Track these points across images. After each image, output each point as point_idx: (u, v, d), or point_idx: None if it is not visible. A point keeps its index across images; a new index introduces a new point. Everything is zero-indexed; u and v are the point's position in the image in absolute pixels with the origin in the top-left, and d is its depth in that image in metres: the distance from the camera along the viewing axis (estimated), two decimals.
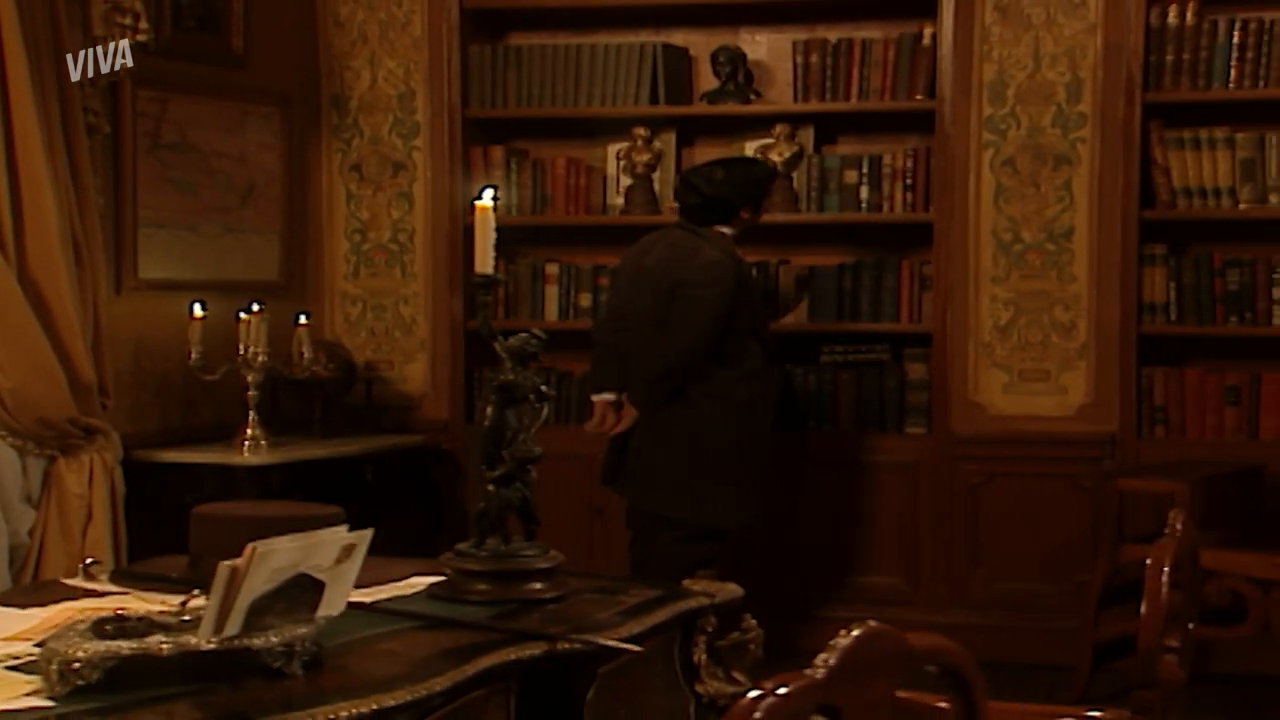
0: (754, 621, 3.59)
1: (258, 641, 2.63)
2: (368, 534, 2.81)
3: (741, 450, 6.52)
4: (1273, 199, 6.93)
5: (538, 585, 3.37)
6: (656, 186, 7.57)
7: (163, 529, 4.99)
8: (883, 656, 1.92)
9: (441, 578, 3.46)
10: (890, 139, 7.44)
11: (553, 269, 7.66)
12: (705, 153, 7.68)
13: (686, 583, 3.55)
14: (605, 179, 7.71)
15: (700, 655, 3.48)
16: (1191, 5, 6.94)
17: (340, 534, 2.75)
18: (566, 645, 3.02)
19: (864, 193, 7.36)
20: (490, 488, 3.39)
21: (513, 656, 2.93)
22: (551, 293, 7.66)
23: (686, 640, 3.47)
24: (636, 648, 2.98)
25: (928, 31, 7.22)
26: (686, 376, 6.47)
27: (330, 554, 2.72)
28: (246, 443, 6.79)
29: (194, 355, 6.74)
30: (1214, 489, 6.83)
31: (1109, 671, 6.68)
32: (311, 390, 7.30)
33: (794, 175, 7.39)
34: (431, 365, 7.70)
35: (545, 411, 3.47)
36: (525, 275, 7.68)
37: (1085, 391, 7.12)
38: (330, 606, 2.77)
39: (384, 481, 7.24)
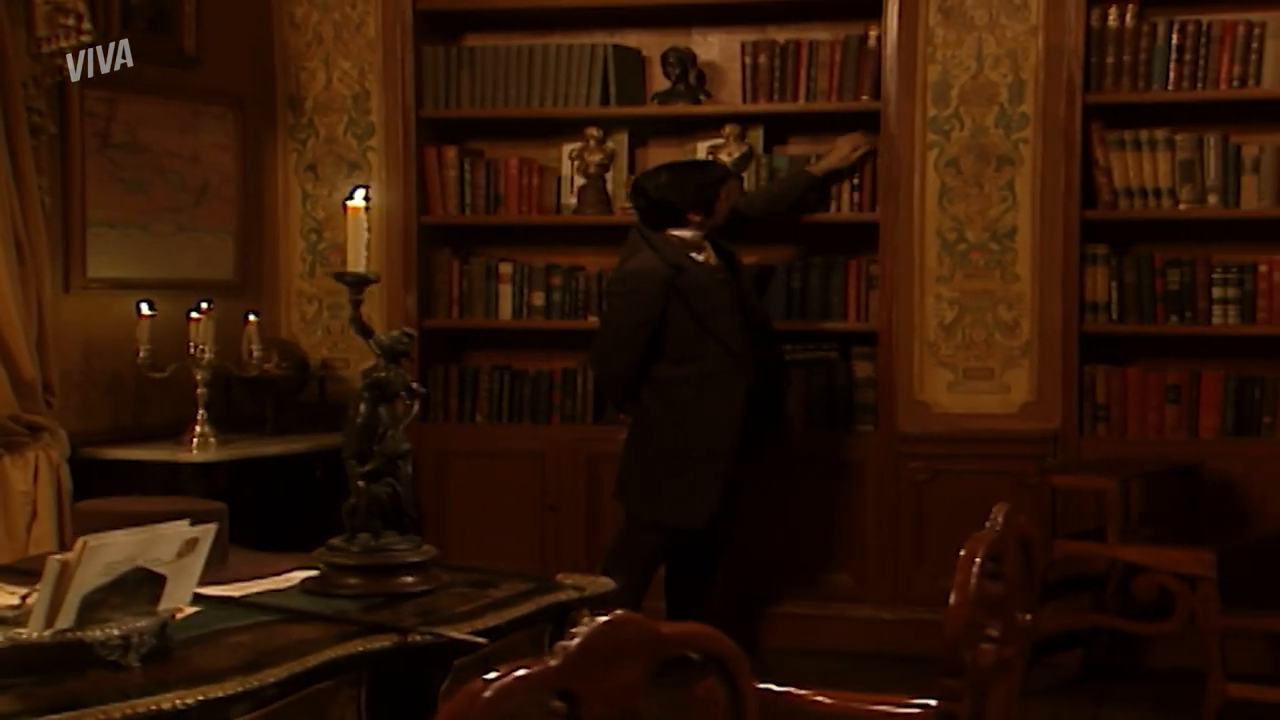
0: (625, 615, 3.64)
1: (95, 634, 2.70)
2: (211, 529, 2.88)
3: (687, 449, 6.61)
4: (1211, 199, 6.99)
5: (409, 579, 3.44)
6: (609, 186, 7.64)
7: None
8: (627, 644, 1.99)
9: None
10: (837, 139, 7.48)
11: (506, 268, 7.73)
12: (658, 152, 7.75)
13: (560, 576, 3.61)
14: (560, 179, 7.78)
15: None
16: (1131, 7, 6.99)
17: (181, 528, 2.82)
18: (418, 638, 3.08)
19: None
20: (360, 483, 3.45)
21: (360, 649, 2.99)
22: (505, 292, 7.73)
23: (559, 633, 3.53)
24: (482, 640, 3.05)
25: (873, 33, 7.29)
26: (622, 378, 6.58)
27: (171, 548, 2.79)
28: (195, 440, 6.87)
29: (142, 354, 6.83)
30: (1153, 486, 6.91)
31: (1045, 665, 6.76)
32: (264, 388, 7.37)
33: (744, 175, 7.44)
34: None
35: (416, 408, 3.53)
36: (479, 275, 7.75)
37: (1028, 390, 7.18)
38: (173, 600, 2.84)
39: (334, 479, 7.28)
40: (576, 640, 1.92)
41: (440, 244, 7.81)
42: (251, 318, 7.12)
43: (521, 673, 1.86)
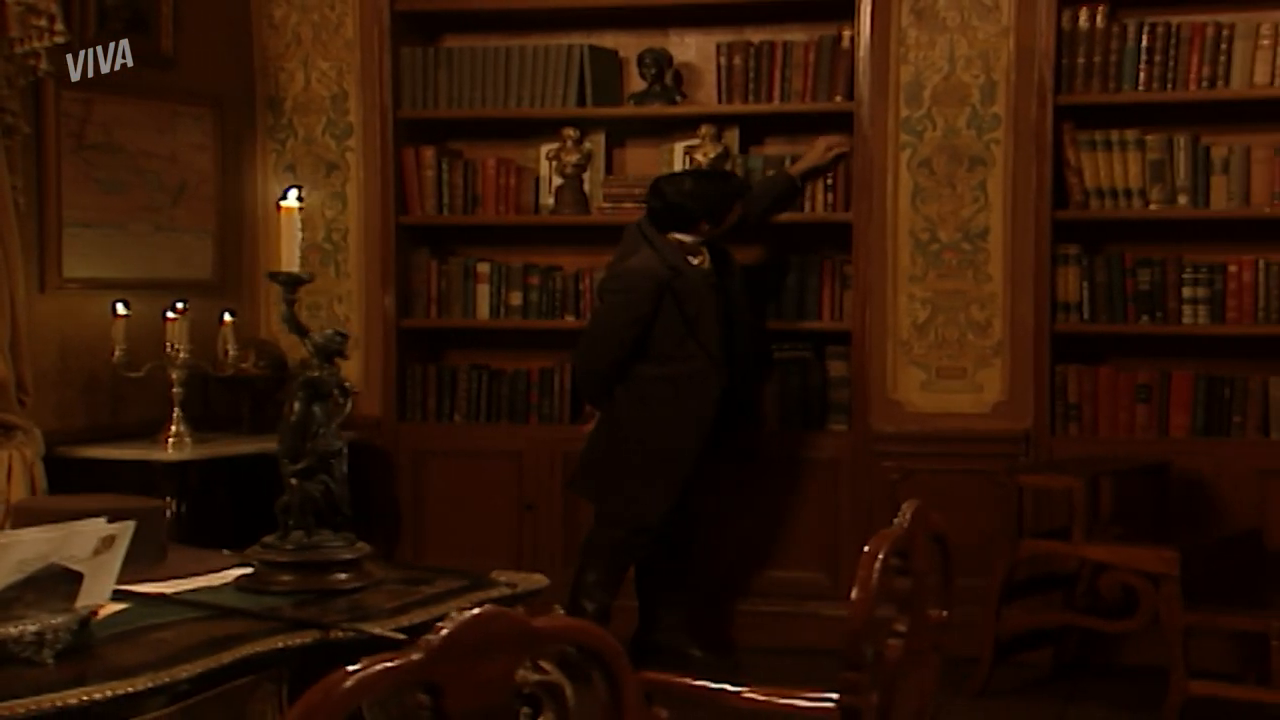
0: (561, 610, 3.69)
1: (8, 631, 2.75)
2: (129, 526, 2.92)
3: (657, 449, 6.70)
4: (1181, 200, 7.02)
5: (342, 575, 3.49)
6: (586, 187, 7.69)
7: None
8: (497, 638, 2.03)
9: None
10: (814, 140, 7.51)
11: (484, 268, 7.77)
12: (635, 153, 7.80)
13: (494, 573, 3.65)
14: (538, 179, 7.82)
15: None
16: (1102, 9, 7.02)
17: (98, 525, 2.87)
18: (340, 634, 3.12)
19: None
20: (293, 481, 3.49)
21: (280, 645, 3.03)
22: (483, 291, 7.77)
23: None
24: (401, 636, 3.08)
25: (846, 34, 7.32)
26: (605, 374, 6.65)
27: (87, 545, 2.83)
28: (170, 439, 6.92)
29: (117, 353, 6.88)
30: (1124, 485, 6.94)
31: (1015, 664, 6.80)
32: (240, 388, 7.42)
33: None
34: (365, 363, 7.82)
35: (349, 406, 3.58)
36: (457, 274, 7.80)
37: (1000, 389, 7.22)
38: (91, 597, 2.88)
39: None
40: (441, 633, 1.96)
41: (418, 244, 7.85)
42: (227, 317, 7.16)
43: (384, 665, 1.90)
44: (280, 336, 7.86)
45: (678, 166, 7.55)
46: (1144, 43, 7.00)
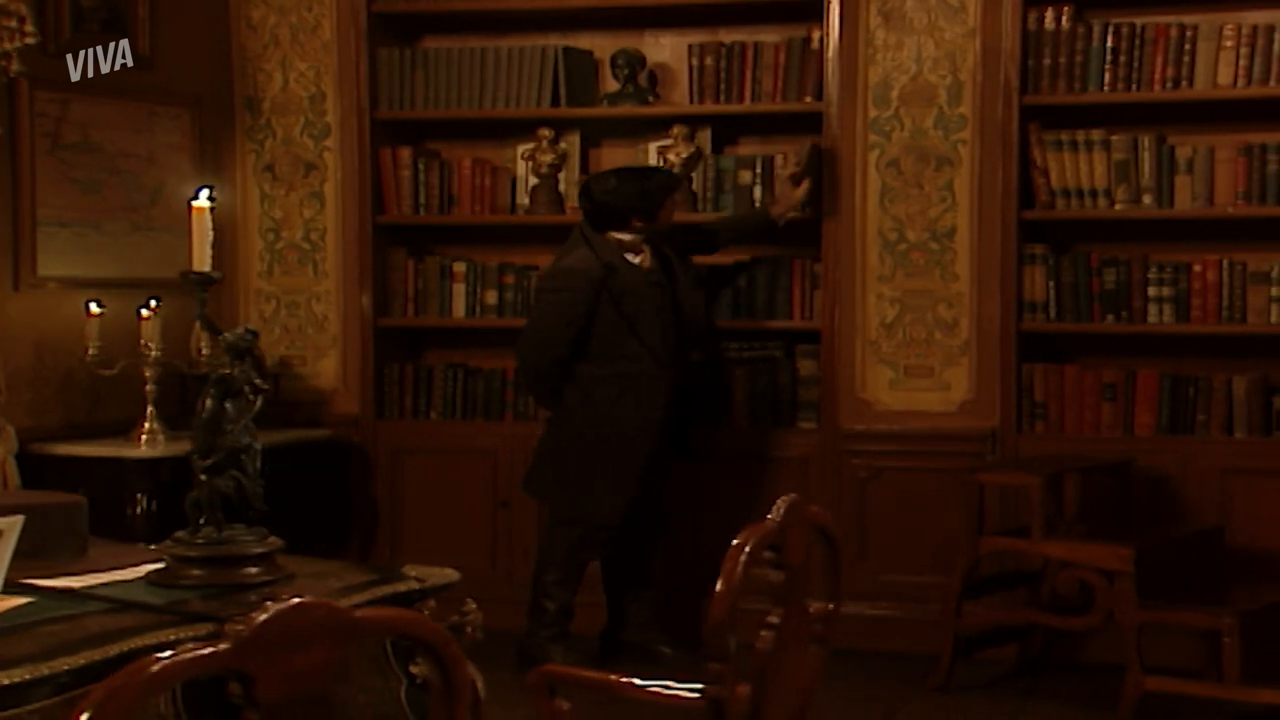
0: (474, 605, 3.76)
1: None
2: (17, 520, 2.99)
3: (603, 448, 6.76)
4: (1146, 200, 7.06)
5: (253, 569, 3.55)
6: (562, 186, 7.75)
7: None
8: (313, 628, 2.09)
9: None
10: (788, 140, 7.58)
11: (460, 267, 7.85)
12: (611, 153, 7.87)
13: (406, 568, 3.72)
14: (515, 179, 7.88)
15: None
16: (1067, 10, 7.07)
17: None
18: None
19: (757, 193, 7.52)
20: (203, 477, 3.56)
21: (173, 637, 3.09)
22: (459, 291, 7.84)
23: None
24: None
25: (816, 35, 7.37)
26: (546, 374, 6.71)
27: None
28: (144, 436, 7.00)
29: (91, 351, 6.96)
30: (1089, 483, 6.98)
31: (978, 661, 6.86)
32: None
33: (693, 176, 7.54)
34: (343, 361, 7.90)
35: (259, 404, 3.64)
36: (434, 274, 7.87)
37: (967, 388, 7.27)
38: None
39: (284, 474, 7.41)
40: (252, 623, 2.02)
41: (395, 243, 7.93)
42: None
43: (192, 653, 1.97)
44: (260, 334, 7.92)
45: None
46: (1109, 43, 7.04)
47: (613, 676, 3.44)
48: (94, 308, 6.97)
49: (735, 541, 2.89)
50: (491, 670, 3.80)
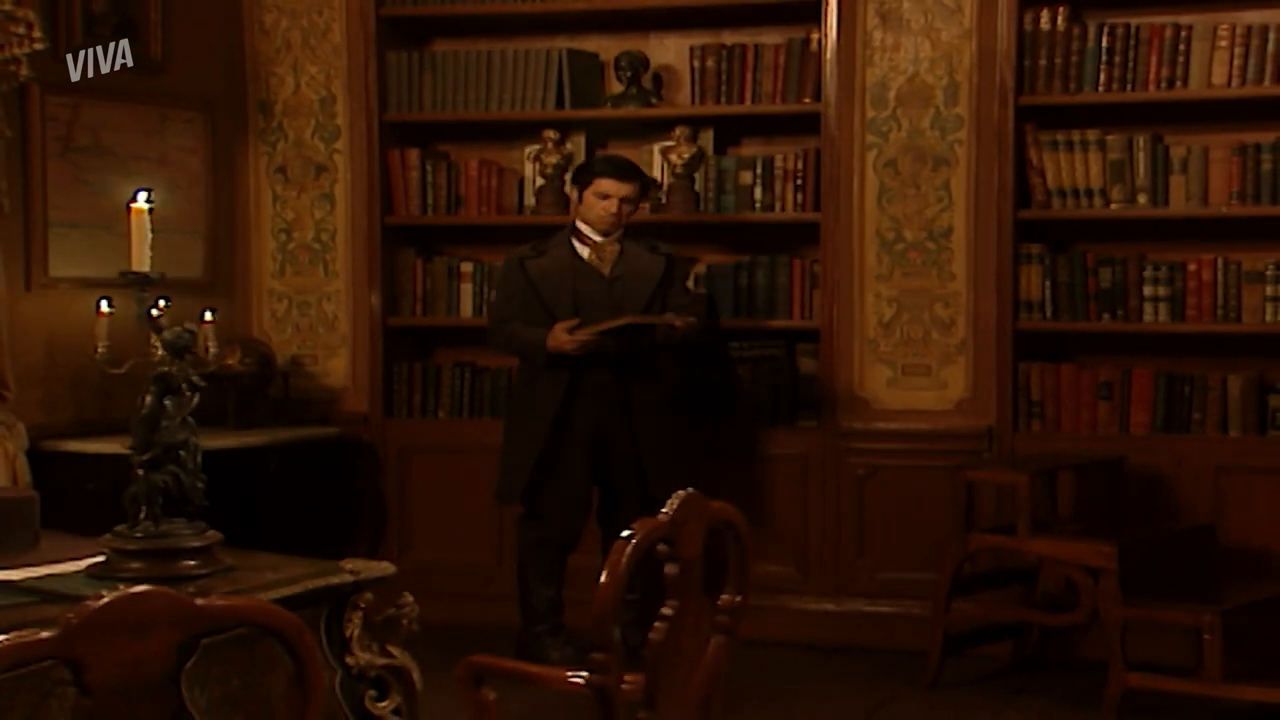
0: (410, 598, 3.87)
1: None
2: None
3: (512, 433, 6.98)
4: (1141, 199, 7.09)
5: (191, 562, 3.66)
6: (567, 187, 7.83)
7: (64, 516, 5.28)
8: (151, 617, 2.18)
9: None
10: (788, 140, 7.65)
11: (468, 267, 7.96)
12: (617, 154, 7.91)
13: (344, 561, 3.82)
14: (522, 180, 7.98)
15: (354, 629, 3.75)
16: (1063, 11, 7.11)
17: None
18: None
19: (758, 193, 7.59)
20: (140, 472, 3.67)
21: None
22: (466, 290, 7.95)
23: (338, 616, 3.74)
24: None
25: (814, 37, 7.43)
26: (495, 345, 7.07)
27: None
28: None
29: (100, 349, 7.07)
30: (1085, 481, 7.03)
31: (971, 657, 6.91)
32: (226, 384, 7.62)
33: (695, 176, 7.62)
34: (352, 360, 8.02)
35: (196, 400, 3.75)
36: (442, 273, 7.98)
37: (964, 386, 7.32)
38: None
39: (291, 472, 7.57)
40: (85, 610, 2.12)
41: (404, 244, 8.04)
42: (208, 315, 7.33)
43: (19, 639, 2.06)
44: (272, 333, 8.07)
45: (656, 167, 7.71)
46: (1104, 44, 7.09)
47: (534, 668, 3.52)
48: (104, 306, 7.07)
49: (625, 533, 2.94)
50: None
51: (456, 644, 5.15)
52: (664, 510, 3.03)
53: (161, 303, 7.19)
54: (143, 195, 3.80)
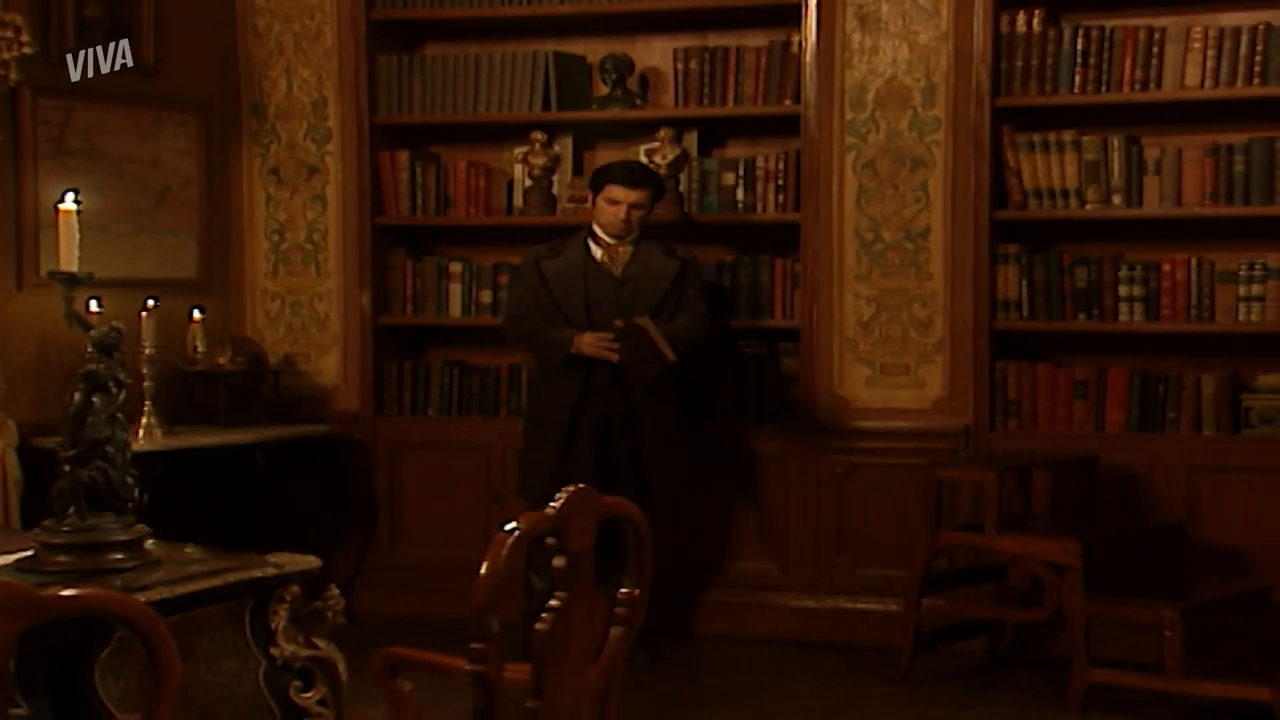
0: (336, 591, 3.97)
1: None
2: None
3: (529, 432, 7.17)
4: (1116, 200, 7.15)
5: (118, 555, 3.77)
6: (555, 188, 7.94)
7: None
8: None
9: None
10: (771, 142, 7.73)
11: (456, 267, 8.07)
12: (605, 155, 8.03)
13: (271, 555, 3.92)
14: (511, 181, 8.08)
15: (280, 621, 3.86)
16: (1038, 13, 7.17)
17: None
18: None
19: (740, 194, 7.68)
20: (66, 467, 3.78)
21: None
22: (455, 290, 8.06)
23: (263, 608, 3.85)
24: None
25: (795, 39, 7.52)
26: (514, 342, 7.27)
27: None
28: (141, 430, 7.25)
29: (89, 348, 7.21)
30: (1058, 478, 7.11)
31: (943, 653, 6.99)
32: (216, 382, 7.75)
33: (680, 178, 7.71)
34: (344, 358, 8.14)
35: (122, 397, 3.85)
36: (431, 273, 8.09)
37: (942, 385, 7.39)
38: None
39: (278, 468, 7.70)
40: None
41: (395, 244, 8.15)
42: (196, 314, 7.48)
43: None
44: (265, 332, 8.20)
45: None
46: (1079, 46, 7.15)
47: (444, 658, 3.62)
48: (94, 306, 7.21)
49: (509, 525, 3.04)
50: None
51: (447, 639, 5.24)
52: (551, 504, 3.12)
53: (150, 302, 7.36)
54: (70, 196, 3.89)
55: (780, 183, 7.61)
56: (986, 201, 7.25)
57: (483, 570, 2.98)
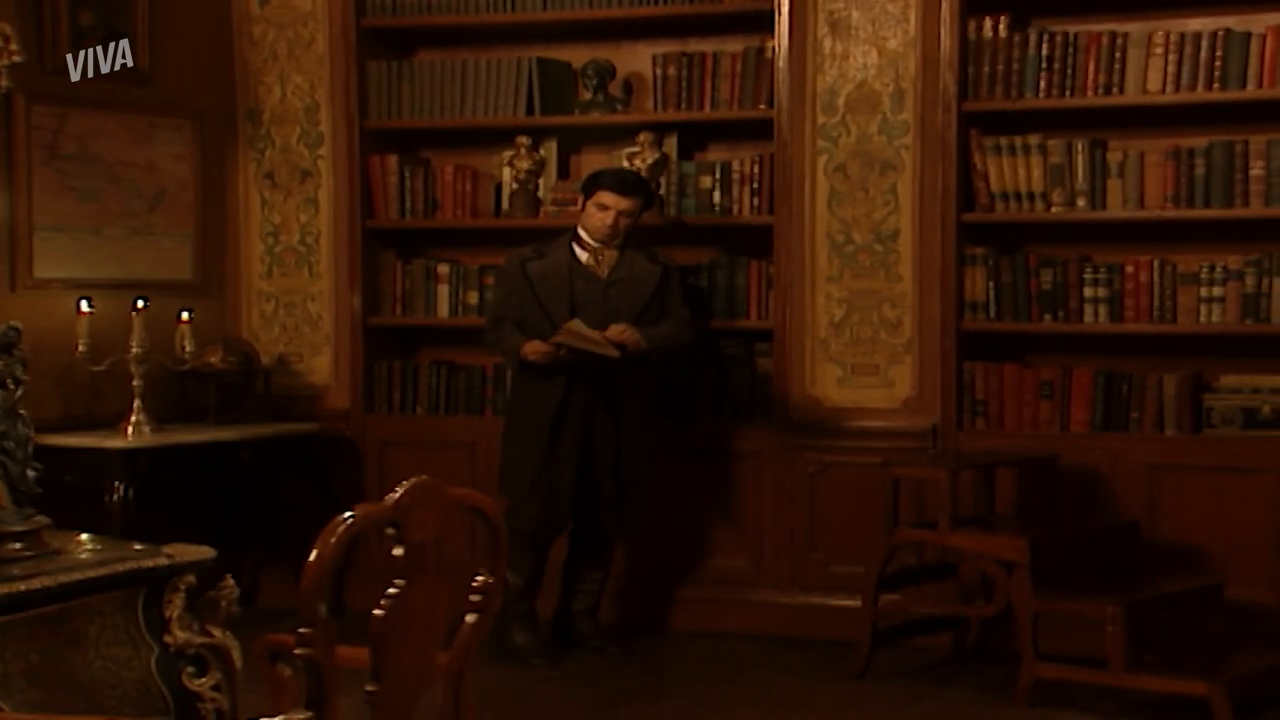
0: (232, 581, 4.14)
1: None
2: None
3: (510, 432, 7.33)
4: (1080, 203, 7.26)
5: (16, 545, 3.95)
6: (540, 192, 8.11)
7: (43, 507, 5.60)
8: None
9: None
10: (750, 146, 7.87)
11: (444, 269, 8.25)
12: (589, 159, 8.20)
13: (167, 546, 4.10)
14: (499, 185, 8.25)
15: (174, 610, 4.05)
16: (1004, 19, 7.28)
17: None
18: None
19: (716, 197, 7.83)
20: None
21: None
22: (443, 291, 8.25)
23: (156, 597, 4.03)
24: None
25: (769, 45, 7.66)
26: (492, 345, 7.41)
27: None
28: (130, 428, 7.47)
29: (81, 347, 7.44)
30: (1022, 477, 7.22)
31: (906, 648, 7.11)
32: (207, 381, 7.96)
33: (660, 181, 7.86)
34: (335, 358, 8.34)
35: (20, 392, 4.03)
36: (419, 275, 8.28)
37: (910, 385, 7.51)
38: None
39: (264, 465, 7.91)
40: None
41: (385, 246, 8.34)
42: (184, 315, 7.68)
43: None
44: (260, 333, 8.41)
45: None
46: (1044, 51, 7.26)
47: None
48: (84, 306, 7.44)
49: (345, 514, 3.21)
50: None
51: None
52: (390, 494, 3.27)
53: (140, 303, 7.56)
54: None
55: (755, 186, 7.75)
56: (954, 204, 7.36)
57: (311, 557, 3.14)
